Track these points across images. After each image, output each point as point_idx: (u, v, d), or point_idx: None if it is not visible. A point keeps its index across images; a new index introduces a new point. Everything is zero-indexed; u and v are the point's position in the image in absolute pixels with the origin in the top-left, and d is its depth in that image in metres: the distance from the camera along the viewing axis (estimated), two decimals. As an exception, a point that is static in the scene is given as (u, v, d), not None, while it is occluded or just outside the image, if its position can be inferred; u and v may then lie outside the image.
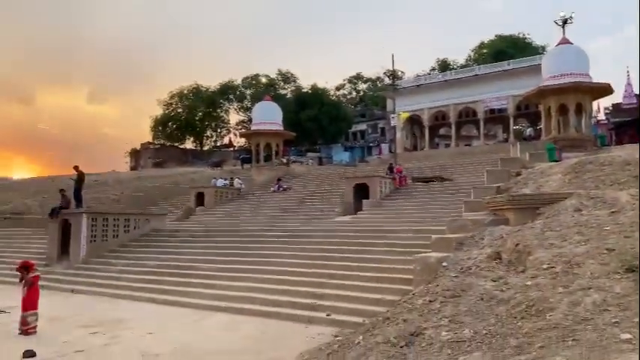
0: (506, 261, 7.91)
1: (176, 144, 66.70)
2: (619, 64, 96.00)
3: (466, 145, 46.65)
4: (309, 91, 60.31)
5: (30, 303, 9.35)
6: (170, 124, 65.40)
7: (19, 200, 32.31)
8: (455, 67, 58.89)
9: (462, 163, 27.41)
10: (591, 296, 5.38)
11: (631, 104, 43.29)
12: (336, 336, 8.13)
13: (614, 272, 5.85)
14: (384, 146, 52.03)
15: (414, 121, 46.68)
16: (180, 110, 65.50)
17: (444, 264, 8.72)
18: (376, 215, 18.58)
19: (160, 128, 65.81)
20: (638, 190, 9.24)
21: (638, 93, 44.38)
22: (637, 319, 4.65)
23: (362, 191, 20.82)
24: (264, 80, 66.04)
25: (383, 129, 58.65)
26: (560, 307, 5.35)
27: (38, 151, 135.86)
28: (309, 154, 53.34)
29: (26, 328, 9.15)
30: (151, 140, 66.98)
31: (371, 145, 58.80)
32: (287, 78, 66.81)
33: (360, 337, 6.45)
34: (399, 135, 44.62)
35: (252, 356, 7.49)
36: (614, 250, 6.44)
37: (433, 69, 62.84)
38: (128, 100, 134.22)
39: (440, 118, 46.82)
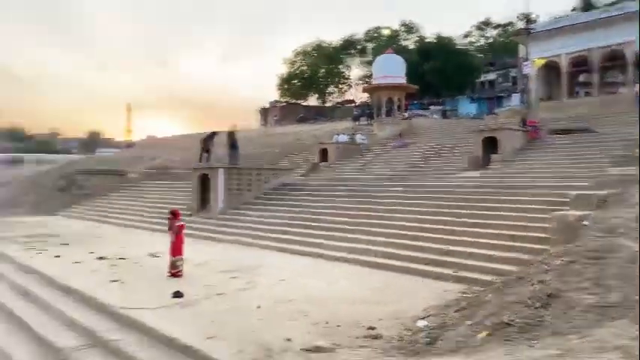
0: (663, 221, 7.05)
1: (300, 101, 68.45)
2: None
3: (610, 94, 41.67)
4: (434, 41, 57.58)
5: (177, 249, 10.35)
6: (294, 81, 67.11)
7: (165, 156, 35.70)
8: (600, 5, 52.28)
9: (607, 114, 24.69)
10: None
11: None
12: (463, 293, 7.96)
13: None
14: (515, 96, 48.38)
15: (549, 68, 42.60)
16: (304, 68, 66.77)
17: (585, 223, 8.03)
18: (507, 170, 17.58)
19: (286, 86, 67.87)
20: None
21: None
22: None
23: (491, 145, 19.75)
24: (386, 32, 64.33)
25: (514, 78, 54.53)
26: None
27: (176, 111, 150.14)
28: (432, 108, 51.51)
29: (174, 271, 10.18)
30: (277, 99, 69.56)
31: (501, 95, 55.01)
32: (410, 29, 64.41)
33: (490, 296, 6.23)
34: (532, 84, 41.24)
35: (380, 307, 7.61)
36: None
37: (574, 9, 56.44)
38: (259, 60, 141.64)
39: (580, 64, 42.22)
